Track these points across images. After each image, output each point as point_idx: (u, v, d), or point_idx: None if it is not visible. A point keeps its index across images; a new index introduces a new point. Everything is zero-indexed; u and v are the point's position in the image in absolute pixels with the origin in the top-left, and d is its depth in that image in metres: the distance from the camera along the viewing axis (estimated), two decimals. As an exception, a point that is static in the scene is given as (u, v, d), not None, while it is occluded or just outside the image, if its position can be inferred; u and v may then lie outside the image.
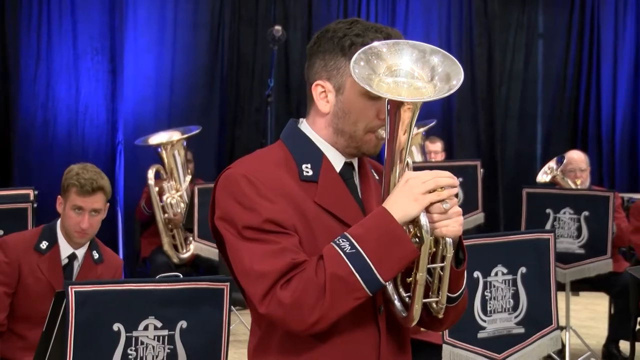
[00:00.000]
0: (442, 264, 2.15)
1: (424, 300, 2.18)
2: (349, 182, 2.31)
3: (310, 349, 2.21)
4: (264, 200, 2.17)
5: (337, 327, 2.18)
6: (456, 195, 2.20)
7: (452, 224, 2.14)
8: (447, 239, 2.13)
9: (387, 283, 2.18)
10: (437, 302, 2.20)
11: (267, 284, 2.12)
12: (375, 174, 2.40)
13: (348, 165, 2.32)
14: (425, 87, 2.13)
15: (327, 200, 2.24)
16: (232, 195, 2.20)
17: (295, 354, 2.22)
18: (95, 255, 4.24)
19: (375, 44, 2.17)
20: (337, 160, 2.30)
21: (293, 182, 2.24)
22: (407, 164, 2.18)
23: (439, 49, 2.18)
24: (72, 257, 4.20)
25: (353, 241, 2.11)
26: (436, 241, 2.15)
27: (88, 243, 4.23)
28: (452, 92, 2.11)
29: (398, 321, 2.24)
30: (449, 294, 2.22)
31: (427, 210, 2.12)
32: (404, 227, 2.13)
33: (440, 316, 2.23)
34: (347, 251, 2.11)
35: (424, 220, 2.11)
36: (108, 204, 4.25)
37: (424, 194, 2.11)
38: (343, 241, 2.12)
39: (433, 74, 2.14)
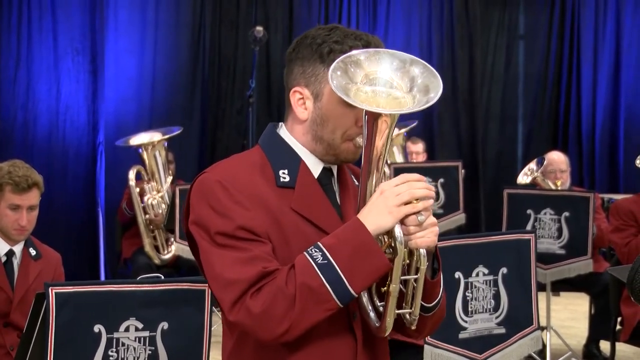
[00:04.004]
0: (416, 276, 2.14)
1: (397, 312, 2.16)
2: (327, 188, 2.30)
3: (285, 356, 2.20)
4: (238, 207, 2.16)
5: (312, 335, 2.17)
6: (437, 196, 2.20)
7: (427, 234, 2.12)
8: (421, 251, 2.11)
9: (362, 292, 2.17)
10: (410, 314, 2.18)
11: (236, 293, 2.12)
12: (354, 180, 2.38)
13: (327, 171, 2.31)
14: (404, 98, 2.12)
15: (304, 206, 2.23)
16: (206, 200, 2.19)
17: None
18: (33, 252, 4.24)
19: (354, 52, 2.15)
20: (315, 166, 2.29)
21: (269, 188, 2.22)
22: (384, 173, 2.17)
23: (419, 59, 2.16)
24: (10, 254, 4.20)
25: (325, 252, 2.10)
26: (410, 252, 2.13)
27: (24, 240, 4.23)
28: (429, 104, 2.08)
29: (371, 330, 2.23)
30: (425, 304, 2.22)
31: (402, 222, 2.10)
32: (378, 238, 2.12)
33: (413, 327, 2.21)
34: (319, 262, 2.09)
35: (398, 232, 2.10)
36: (40, 199, 4.25)
37: (398, 207, 2.09)
38: (315, 251, 2.11)
39: (412, 85, 2.12)
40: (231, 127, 9.23)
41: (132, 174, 7.42)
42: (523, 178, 7.14)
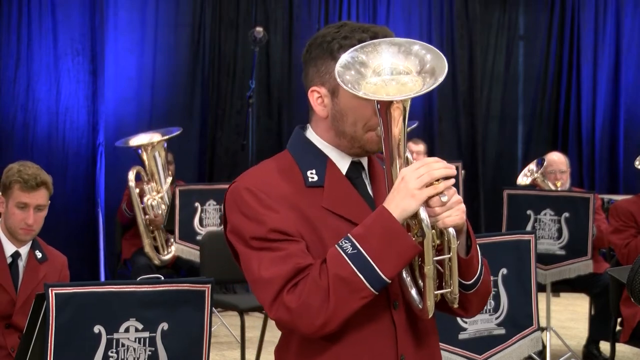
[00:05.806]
0: (449, 255, 2.17)
1: (438, 292, 2.19)
2: (357, 182, 2.34)
3: (327, 349, 2.25)
4: (268, 211, 2.22)
5: (352, 326, 2.22)
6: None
7: (454, 213, 2.15)
8: (450, 230, 2.15)
9: (405, 275, 2.21)
10: (450, 293, 2.21)
11: (274, 290, 2.18)
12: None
13: (356, 165, 2.35)
14: (412, 81, 2.15)
15: (334, 203, 2.28)
16: (238, 208, 2.26)
17: (313, 355, 2.26)
18: (39, 254, 4.23)
19: (346, 56, 2.17)
20: (342, 162, 2.33)
21: (298, 190, 2.28)
22: (407, 159, 2.20)
23: (419, 41, 2.19)
24: (16, 256, 4.20)
25: (354, 241, 2.14)
26: (441, 233, 2.16)
27: (30, 242, 4.23)
28: (437, 84, 2.12)
29: (415, 313, 2.26)
30: (465, 281, 2.26)
31: (426, 204, 2.14)
32: (406, 223, 2.15)
33: (455, 306, 2.25)
34: (349, 252, 2.14)
35: (423, 214, 2.13)
36: (49, 202, 4.24)
37: (420, 189, 2.12)
38: (345, 242, 2.15)
39: (422, 66, 2.16)
40: (231, 127, 9.22)
41: (131, 175, 7.42)
42: (523, 179, 7.15)
